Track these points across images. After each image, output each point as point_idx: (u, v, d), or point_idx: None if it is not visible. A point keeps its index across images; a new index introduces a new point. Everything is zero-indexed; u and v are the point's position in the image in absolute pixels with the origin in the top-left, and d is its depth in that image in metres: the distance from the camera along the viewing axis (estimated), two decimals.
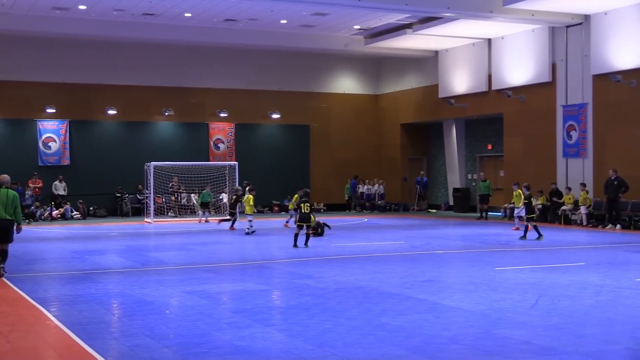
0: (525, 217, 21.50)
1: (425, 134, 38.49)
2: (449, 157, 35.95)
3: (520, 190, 24.15)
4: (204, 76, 35.46)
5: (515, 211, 24.25)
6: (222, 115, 35.54)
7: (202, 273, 14.66)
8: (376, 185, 37.24)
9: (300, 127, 37.67)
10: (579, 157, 27.78)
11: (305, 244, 18.97)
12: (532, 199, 21.36)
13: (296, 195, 23.84)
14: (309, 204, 19.12)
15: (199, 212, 30.98)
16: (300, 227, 19.09)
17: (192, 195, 33.28)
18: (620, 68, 25.93)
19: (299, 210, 19.45)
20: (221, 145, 36.04)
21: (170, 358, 8.04)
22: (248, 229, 23.47)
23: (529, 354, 8.04)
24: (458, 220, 30.57)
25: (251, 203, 24.06)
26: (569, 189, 27.23)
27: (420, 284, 12.85)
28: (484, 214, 30.33)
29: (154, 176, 30.91)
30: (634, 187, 24.70)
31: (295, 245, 18.91)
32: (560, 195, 27.52)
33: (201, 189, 31.27)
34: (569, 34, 28.28)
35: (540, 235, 20.72)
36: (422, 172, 36.66)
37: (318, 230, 22.60)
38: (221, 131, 36.12)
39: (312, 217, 19.47)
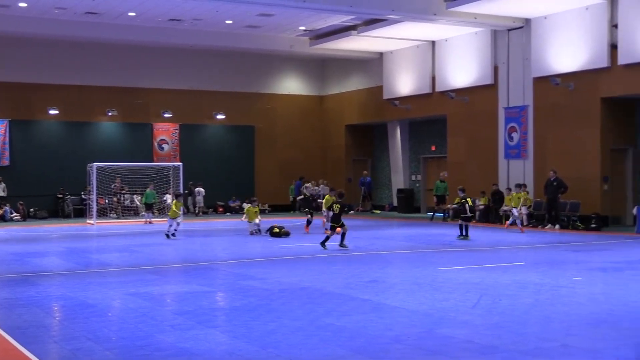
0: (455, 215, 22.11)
1: (369, 135, 38.74)
2: (393, 158, 36.24)
3: (521, 194, 24.49)
4: (148, 76, 35.13)
5: (513, 211, 24.51)
6: (166, 115, 35.25)
7: (146, 275, 14.53)
8: (321, 186, 37.30)
9: (245, 128, 37.58)
10: (520, 159, 28.26)
11: (340, 244, 18.79)
12: (467, 199, 21.73)
13: (327, 196, 23.68)
14: (339, 205, 19.07)
15: (144, 213, 30.67)
16: (333, 229, 18.95)
17: (135, 196, 32.93)
18: (559, 71, 26.48)
19: (332, 212, 19.29)
20: (165, 146, 35.75)
21: None
22: (170, 231, 22.50)
23: (471, 352, 8.16)
24: (402, 220, 30.83)
25: (174, 208, 23.31)
26: (509, 189, 27.65)
27: (364, 285, 12.93)
28: (446, 215, 29.99)
29: (96, 177, 30.50)
30: (572, 187, 25.24)
31: (323, 245, 18.64)
32: (501, 196, 27.94)
33: (144, 190, 30.95)
34: (511, 37, 28.77)
35: (466, 235, 21.33)
36: (365, 173, 36.79)
37: (281, 231, 22.66)
38: (165, 132, 35.83)
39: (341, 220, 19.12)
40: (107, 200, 32.55)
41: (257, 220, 23.48)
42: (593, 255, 17.85)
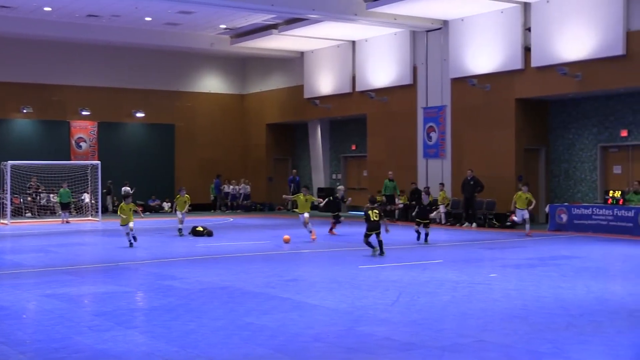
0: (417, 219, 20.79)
1: (290, 134, 38.81)
2: (314, 157, 36.38)
3: (527, 194, 22.48)
4: (65, 73, 34.39)
5: (518, 214, 22.79)
6: (84, 113, 34.59)
7: (62, 275, 14.25)
8: (242, 185, 37.22)
9: (165, 126, 37.18)
10: (438, 158, 28.77)
11: (380, 252, 17.16)
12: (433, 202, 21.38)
13: (301, 195, 22.76)
14: (377, 211, 17.48)
15: (60, 212, 30.01)
16: (368, 236, 17.35)
17: (52, 195, 32.20)
18: (475, 72, 27.07)
19: (367, 218, 17.46)
20: (83, 144, 35.07)
21: None
22: (130, 236, 20.47)
23: (390, 349, 8.30)
24: (322, 219, 30.93)
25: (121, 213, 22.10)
26: (428, 188, 28.03)
27: (284, 283, 12.99)
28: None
29: (11, 176, 29.69)
30: (488, 186, 25.84)
31: (373, 249, 17.28)
32: (419, 194, 28.22)
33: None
34: (429, 39, 29.24)
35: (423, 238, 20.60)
36: (294, 171, 36.63)
37: (204, 230, 22.47)
38: (83, 130, 35.14)
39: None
40: (22, 200, 31.72)
41: (180, 216, 23.21)
42: (508, 252, 18.34)
